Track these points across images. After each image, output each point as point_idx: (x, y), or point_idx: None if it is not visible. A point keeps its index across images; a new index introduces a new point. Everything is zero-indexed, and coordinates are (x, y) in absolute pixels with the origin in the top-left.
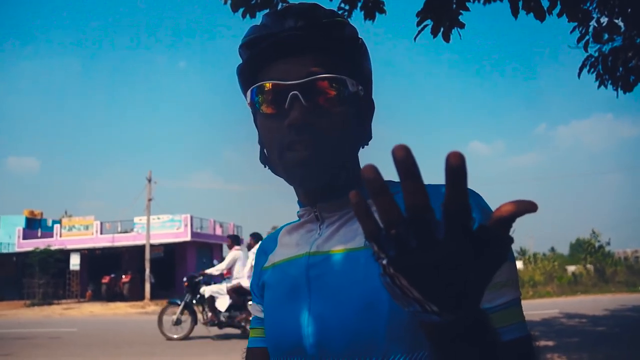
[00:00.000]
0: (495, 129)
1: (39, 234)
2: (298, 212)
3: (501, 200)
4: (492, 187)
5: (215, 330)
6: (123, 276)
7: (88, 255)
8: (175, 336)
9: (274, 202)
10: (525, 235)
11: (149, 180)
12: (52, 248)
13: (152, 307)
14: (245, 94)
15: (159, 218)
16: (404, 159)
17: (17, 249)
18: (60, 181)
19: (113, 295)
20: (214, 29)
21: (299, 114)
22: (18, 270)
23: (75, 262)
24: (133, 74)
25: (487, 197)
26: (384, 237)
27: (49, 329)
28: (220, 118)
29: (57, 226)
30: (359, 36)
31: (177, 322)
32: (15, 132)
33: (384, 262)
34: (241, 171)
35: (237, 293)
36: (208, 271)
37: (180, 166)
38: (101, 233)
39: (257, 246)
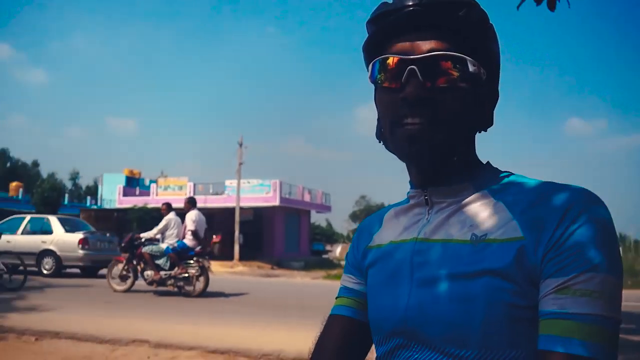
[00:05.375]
0: (600, 106)
1: (137, 192)
2: (408, 192)
3: (600, 184)
4: (590, 169)
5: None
6: (214, 236)
7: (181, 214)
8: (119, 288)
9: (365, 171)
10: (628, 222)
11: (240, 145)
12: (149, 206)
13: (240, 268)
14: (368, 69)
15: (249, 182)
16: None
17: (117, 206)
18: (157, 142)
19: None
20: None
21: (414, 89)
22: (119, 225)
23: None
24: (225, 39)
25: (585, 180)
26: None
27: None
28: (312, 85)
29: (153, 185)
30: (488, 19)
31: (122, 277)
32: (116, 95)
33: None
34: (333, 139)
35: (177, 254)
36: (143, 235)
37: (271, 131)
38: (194, 194)
39: (194, 210)
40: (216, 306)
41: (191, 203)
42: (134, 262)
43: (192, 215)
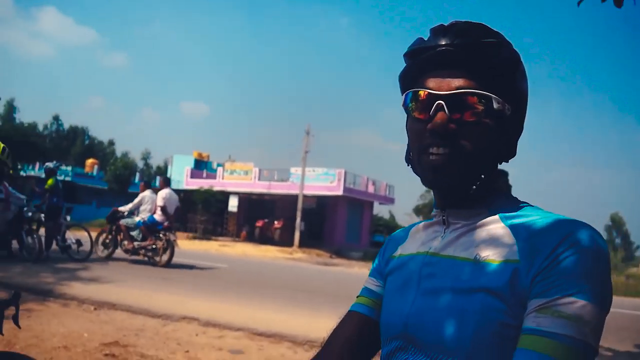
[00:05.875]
0: None
1: (204, 175)
2: (432, 212)
3: None
4: None
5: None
6: (275, 222)
7: (246, 198)
8: (102, 254)
9: None
10: None
11: (307, 133)
12: (214, 189)
13: (299, 254)
14: (402, 96)
15: (314, 170)
16: None
17: (184, 187)
18: (228, 127)
19: (265, 238)
20: None
21: (440, 122)
22: (185, 205)
23: (233, 203)
24: (298, 29)
25: None
26: None
27: (207, 262)
28: (383, 76)
29: (220, 169)
30: (518, 58)
31: (105, 245)
32: (191, 80)
33: None
34: (400, 131)
35: (147, 227)
36: (122, 208)
37: (340, 121)
38: (259, 179)
39: (166, 189)
40: (264, 290)
41: (165, 182)
42: (114, 233)
43: (162, 193)
